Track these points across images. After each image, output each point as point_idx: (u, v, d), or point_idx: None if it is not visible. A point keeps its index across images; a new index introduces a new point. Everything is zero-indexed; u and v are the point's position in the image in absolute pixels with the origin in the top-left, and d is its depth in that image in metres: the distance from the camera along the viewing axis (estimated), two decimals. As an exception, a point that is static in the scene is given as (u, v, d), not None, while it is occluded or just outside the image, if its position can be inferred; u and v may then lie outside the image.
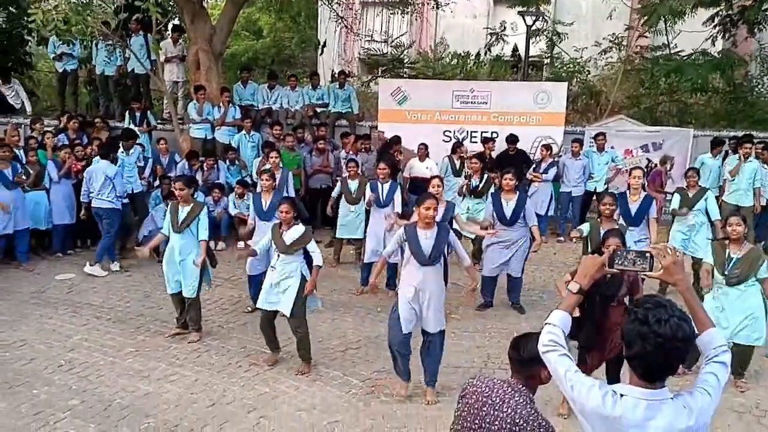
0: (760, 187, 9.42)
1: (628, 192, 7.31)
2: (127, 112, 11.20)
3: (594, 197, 10.26)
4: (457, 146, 10.41)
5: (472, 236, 8.57)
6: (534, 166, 10.57)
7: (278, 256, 5.82)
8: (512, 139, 10.71)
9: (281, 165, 8.89)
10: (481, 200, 8.78)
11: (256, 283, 6.74)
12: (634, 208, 7.13)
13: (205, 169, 10.20)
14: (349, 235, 8.86)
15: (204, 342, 6.47)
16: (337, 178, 9.77)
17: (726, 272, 5.59)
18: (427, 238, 5.21)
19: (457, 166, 10.14)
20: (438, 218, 5.79)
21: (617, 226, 5.90)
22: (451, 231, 5.54)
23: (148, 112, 11.48)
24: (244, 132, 10.93)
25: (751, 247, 5.71)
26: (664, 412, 2.14)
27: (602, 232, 5.80)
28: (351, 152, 10.15)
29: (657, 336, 2.09)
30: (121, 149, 9.61)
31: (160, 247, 9.00)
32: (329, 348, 6.43)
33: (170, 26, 13.10)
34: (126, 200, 9.22)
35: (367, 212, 8.50)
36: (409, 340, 5.31)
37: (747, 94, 13.64)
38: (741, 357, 5.52)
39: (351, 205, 8.63)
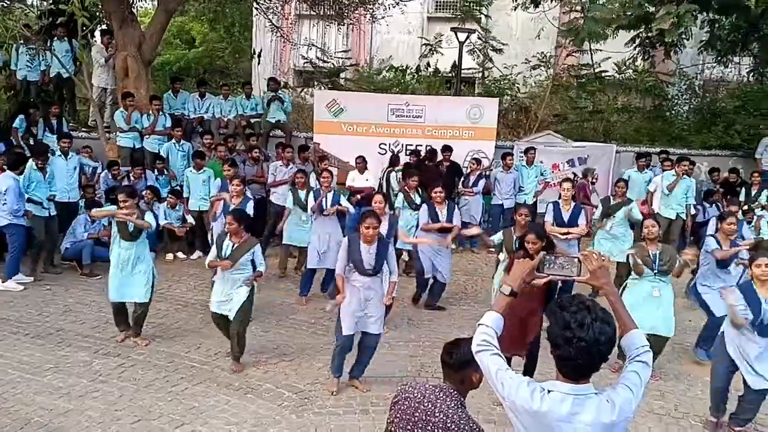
0: (690, 204, 10.10)
1: (560, 202, 7.65)
2: (41, 120, 10.65)
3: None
4: (395, 160, 10.60)
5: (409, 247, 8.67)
6: (463, 179, 10.80)
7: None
8: (447, 150, 10.99)
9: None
10: (418, 212, 8.89)
11: None
12: (566, 216, 7.49)
13: (132, 178, 9.88)
14: (298, 243, 8.77)
15: (129, 356, 6.23)
16: (271, 189, 9.86)
17: (656, 267, 5.98)
18: (369, 252, 5.48)
19: (399, 179, 10.35)
20: (383, 231, 6.31)
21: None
22: (391, 245, 5.77)
23: (63, 119, 10.98)
24: (174, 141, 10.66)
25: (664, 245, 6.16)
26: (589, 407, 2.22)
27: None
28: (283, 163, 10.04)
29: (580, 340, 2.17)
30: (34, 166, 8.92)
31: (83, 258, 8.76)
32: (261, 360, 6.30)
33: (98, 31, 12.69)
34: (54, 213, 8.83)
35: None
36: (353, 339, 5.62)
37: (666, 113, 14.38)
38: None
39: (303, 212, 8.59)
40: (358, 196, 9.69)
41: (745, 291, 4.91)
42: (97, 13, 12.62)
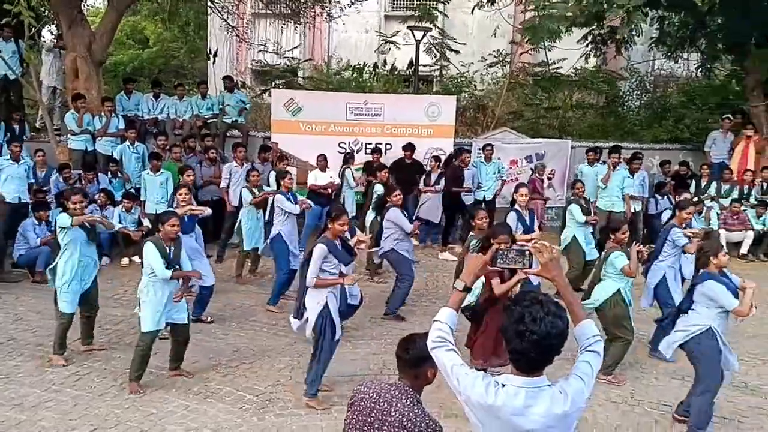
0: (629, 194, 10.23)
1: (521, 209, 7.69)
2: (2, 124, 10.34)
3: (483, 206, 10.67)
4: (349, 157, 10.56)
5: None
6: (425, 177, 10.85)
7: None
8: (409, 147, 11.05)
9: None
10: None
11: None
12: (528, 221, 7.57)
13: (84, 182, 9.63)
14: (255, 245, 8.64)
15: (84, 364, 6.07)
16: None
17: None
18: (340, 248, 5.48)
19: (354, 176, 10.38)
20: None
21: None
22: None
23: (26, 123, 10.67)
24: (127, 143, 10.43)
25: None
26: (542, 399, 2.25)
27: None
28: (237, 163, 9.91)
29: (533, 334, 2.20)
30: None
31: (37, 265, 8.50)
32: (221, 364, 6.22)
33: (47, 30, 12.35)
34: None
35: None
36: None
37: (618, 108, 14.71)
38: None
39: (258, 211, 8.55)
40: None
41: (721, 281, 4.96)
42: (45, 13, 12.28)
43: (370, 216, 8.74)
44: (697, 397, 4.92)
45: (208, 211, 7.60)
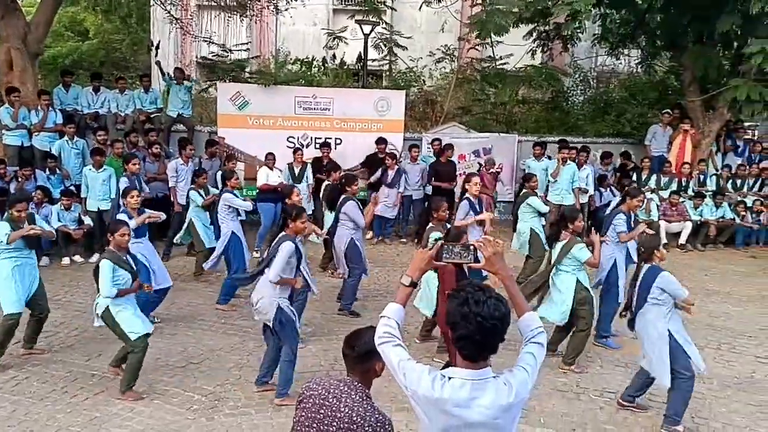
0: (578, 187, 10.47)
1: (470, 197, 7.79)
2: None
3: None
4: (296, 151, 10.47)
5: (320, 241, 8.64)
6: (380, 174, 10.81)
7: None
8: (382, 141, 11.14)
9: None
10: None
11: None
12: (479, 207, 7.70)
13: (20, 179, 9.24)
14: (209, 245, 8.45)
15: (23, 368, 5.84)
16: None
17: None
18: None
19: (296, 173, 10.23)
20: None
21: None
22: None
23: None
24: (66, 138, 10.06)
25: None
26: (487, 391, 2.28)
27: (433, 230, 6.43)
28: (183, 161, 9.68)
29: (477, 315, 2.23)
30: None
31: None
32: (168, 364, 6.08)
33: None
34: None
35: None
36: None
37: (562, 104, 15.03)
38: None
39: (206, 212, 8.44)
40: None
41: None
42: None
43: (329, 217, 8.64)
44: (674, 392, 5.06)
45: (163, 216, 7.38)
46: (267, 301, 5.27)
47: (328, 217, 8.48)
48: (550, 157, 11.29)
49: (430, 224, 6.80)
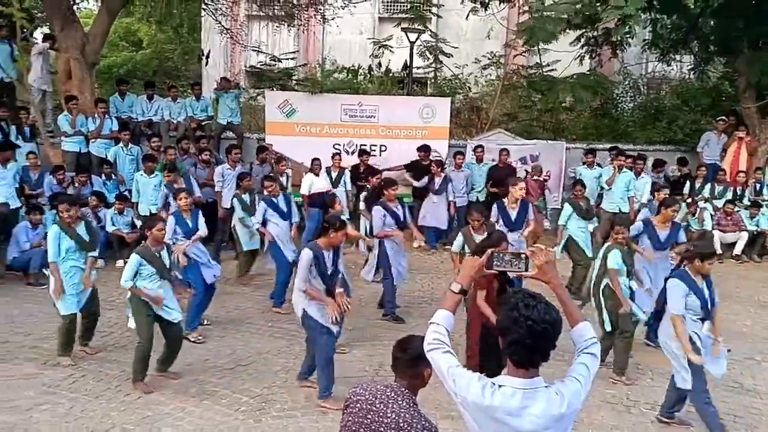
0: (633, 195, 10.23)
1: (505, 200, 7.73)
2: (14, 127, 10.28)
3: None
4: (334, 156, 10.63)
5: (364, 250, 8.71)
6: (428, 181, 10.78)
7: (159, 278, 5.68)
8: (424, 148, 11.07)
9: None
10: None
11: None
12: (513, 215, 7.55)
13: (77, 184, 9.58)
14: (250, 247, 8.64)
15: (79, 367, 6.04)
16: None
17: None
18: (329, 257, 5.48)
19: (334, 177, 10.31)
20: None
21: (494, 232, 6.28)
22: (340, 247, 5.75)
23: (35, 125, 10.59)
24: (121, 145, 10.39)
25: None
26: (539, 400, 2.26)
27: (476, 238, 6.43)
28: (230, 166, 9.87)
29: (527, 319, 2.22)
30: None
31: (31, 267, 8.46)
32: (217, 366, 6.20)
33: (39, 32, 12.30)
34: None
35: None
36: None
37: (612, 110, 14.77)
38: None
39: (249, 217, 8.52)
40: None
41: (689, 284, 4.92)
42: (37, 15, 12.23)
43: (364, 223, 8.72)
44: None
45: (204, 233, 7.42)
46: (294, 301, 5.44)
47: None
48: (600, 165, 11.10)
49: (461, 231, 6.79)
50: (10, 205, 8.97)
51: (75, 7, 11.71)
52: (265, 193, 8.11)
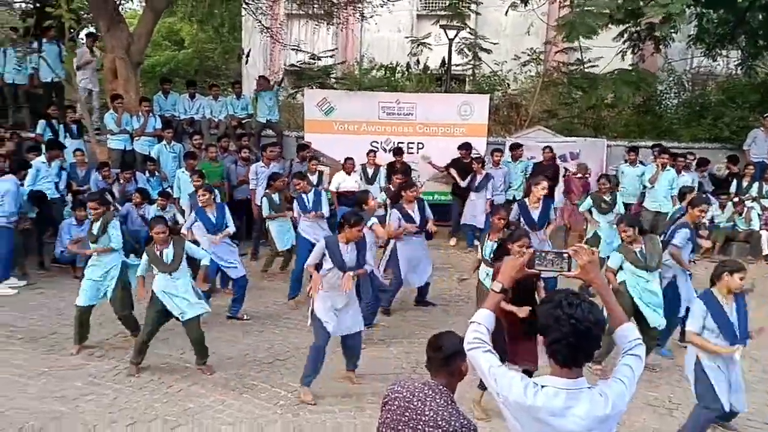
0: (676, 195, 9.85)
1: (527, 200, 7.68)
2: (62, 125, 10.61)
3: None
4: (369, 153, 10.64)
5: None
6: (470, 180, 10.73)
7: (168, 275, 5.86)
8: (465, 146, 11.01)
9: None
10: None
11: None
12: (535, 215, 7.51)
13: (122, 181, 9.83)
14: (284, 246, 8.74)
15: (123, 359, 6.20)
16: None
17: (646, 263, 5.96)
18: (348, 252, 5.53)
19: (369, 175, 10.31)
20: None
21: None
22: (366, 237, 5.83)
23: (81, 123, 10.91)
24: (164, 142, 10.62)
25: (647, 237, 6.12)
26: (582, 401, 2.23)
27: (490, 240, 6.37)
28: (263, 163, 9.98)
29: (570, 317, 2.20)
30: (43, 159, 9.21)
31: (78, 260, 8.70)
32: (256, 360, 6.30)
33: (83, 33, 12.64)
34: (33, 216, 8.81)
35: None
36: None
37: (655, 107, 14.44)
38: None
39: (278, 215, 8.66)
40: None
41: (714, 308, 4.64)
42: (84, 15, 12.57)
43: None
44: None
45: (232, 229, 7.56)
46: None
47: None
48: (643, 163, 10.88)
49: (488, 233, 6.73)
50: (48, 196, 9.22)
51: (120, 8, 11.97)
52: (297, 189, 8.28)
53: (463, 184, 10.75)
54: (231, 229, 7.44)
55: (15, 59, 11.14)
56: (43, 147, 9.77)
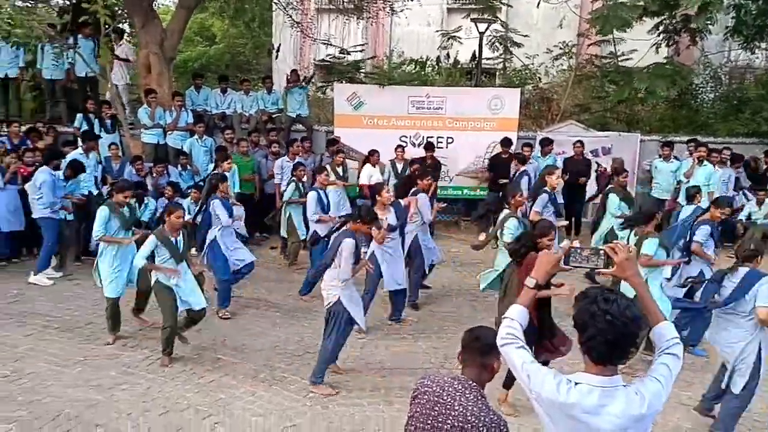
0: (713, 191, 9.60)
1: (549, 189, 7.60)
2: (97, 120, 10.85)
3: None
4: (397, 148, 10.59)
5: None
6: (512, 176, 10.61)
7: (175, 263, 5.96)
8: (507, 143, 10.92)
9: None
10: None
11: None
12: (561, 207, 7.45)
13: (154, 174, 9.99)
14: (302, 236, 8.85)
15: (156, 349, 6.30)
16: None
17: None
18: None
19: (399, 169, 10.29)
20: (392, 222, 6.66)
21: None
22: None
23: (117, 118, 11.12)
24: (196, 137, 10.75)
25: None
26: (617, 399, 2.20)
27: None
28: (289, 158, 10.03)
29: (606, 313, 2.17)
30: (80, 151, 9.40)
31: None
32: (286, 352, 6.36)
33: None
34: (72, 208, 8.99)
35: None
36: None
37: (691, 101, 14.13)
38: None
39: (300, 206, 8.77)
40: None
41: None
42: (119, 11, 12.76)
43: None
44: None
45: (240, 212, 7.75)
46: (329, 287, 5.51)
47: None
48: (677, 158, 10.66)
49: (507, 210, 6.64)
50: (93, 193, 9.42)
51: (154, 4, 12.13)
52: (316, 184, 8.36)
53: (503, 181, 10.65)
54: (240, 212, 7.65)
55: (52, 55, 11.39)
56: (79, 140, 9.96)
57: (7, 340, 6.45)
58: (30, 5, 11.63)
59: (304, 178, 9.11)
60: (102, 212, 6.48)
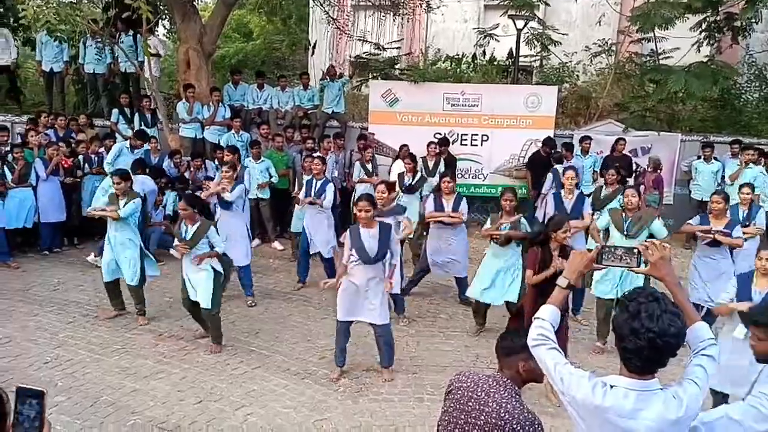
0: (760, 194, 9.23)
1: (562, 191, 7.50)
2: (137, 113, 11.14)
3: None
4: (429, 145, 10.51)
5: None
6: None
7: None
8: (549, 143, 10.75)
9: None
10: (413, 195, 9.01)
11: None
12: (569, 206, 7.27)
13: (192, 169, 10.15)
14: (296, 229, 8.93)
15: (192, 340, 6.43)
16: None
17: (624, 231, 6.16)
18: (371, 237, 5.45)
19: (430, 166, 10.24)
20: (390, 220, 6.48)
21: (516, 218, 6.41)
22: (393, 229, 5.71)
23: (157, 111, 11.34)
24: (233, 132, 10.89)
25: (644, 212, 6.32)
26: (654, 403, 2.16)
27: (504, 224, 6.43)
28: (324, 154, 10.06)
29: (649, 332, 2.09)
30: (127, 144, 9.68)
31: (150, 244, 9.04)
32: (318, 346, 6.41)
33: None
34: None
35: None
36: (349, 328, 5.74)
37: (734, 101, 13.76)
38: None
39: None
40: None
41: (742, 281, 4.67)
42: (160, 7, 12.99)
43: None
44: None
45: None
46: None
47: None
48: (717, 159, 10.40)
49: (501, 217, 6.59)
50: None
51: (194, 0, 12.31)
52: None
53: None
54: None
55: (95, 50, 11.65)
56: (117, 135, 10.19)
57: (49, 327, 6.64)
58: (75, 1, 11.89)
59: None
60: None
